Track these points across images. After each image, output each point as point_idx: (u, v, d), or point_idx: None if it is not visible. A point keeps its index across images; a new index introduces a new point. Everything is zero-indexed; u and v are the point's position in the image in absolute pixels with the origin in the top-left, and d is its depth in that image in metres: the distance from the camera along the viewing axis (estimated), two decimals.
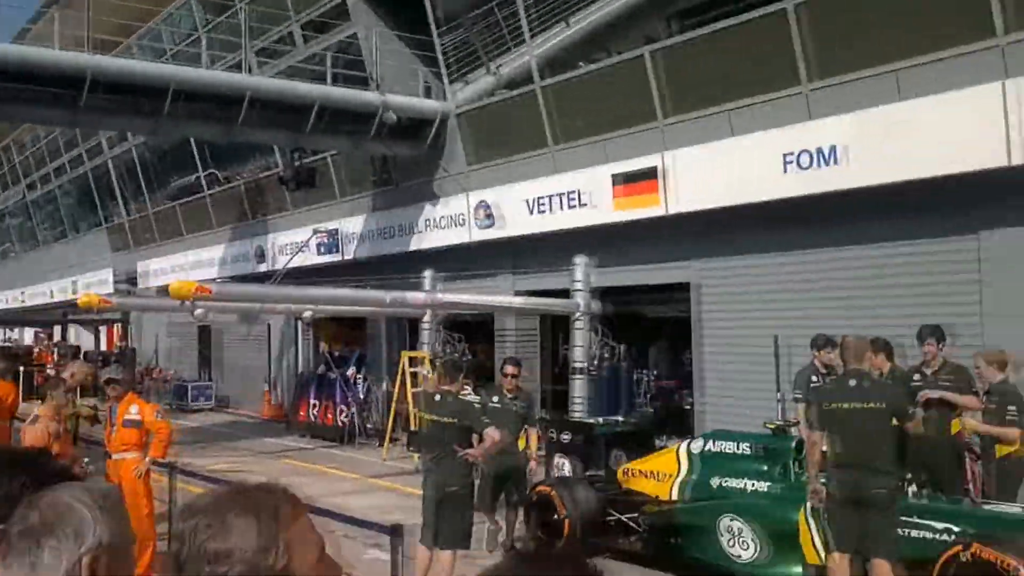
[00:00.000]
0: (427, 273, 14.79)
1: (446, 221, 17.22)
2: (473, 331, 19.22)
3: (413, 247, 18.01)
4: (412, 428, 13.71)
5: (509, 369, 8.61)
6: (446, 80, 16.93)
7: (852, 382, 6.58)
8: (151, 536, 8.05)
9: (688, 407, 14.52)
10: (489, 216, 16.15)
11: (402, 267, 17.44)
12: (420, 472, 8.97)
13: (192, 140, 23.73)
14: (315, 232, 20.12)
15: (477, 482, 7.87)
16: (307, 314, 16.77)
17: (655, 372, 16.75)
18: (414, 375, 15.17)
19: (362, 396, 18.36)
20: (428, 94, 17.52)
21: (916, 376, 8.27)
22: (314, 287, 14.66)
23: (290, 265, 20.23)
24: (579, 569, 1.27)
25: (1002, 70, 9.73)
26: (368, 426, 17.79)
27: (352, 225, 19.86)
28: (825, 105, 11.30)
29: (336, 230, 20.12)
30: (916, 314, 9.92)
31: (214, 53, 20.33)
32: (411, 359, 15.45)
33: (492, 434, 6.86)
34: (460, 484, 7.08)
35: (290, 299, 14.45)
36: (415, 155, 17.52)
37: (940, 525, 6.66)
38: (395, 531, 5.39)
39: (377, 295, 13.08)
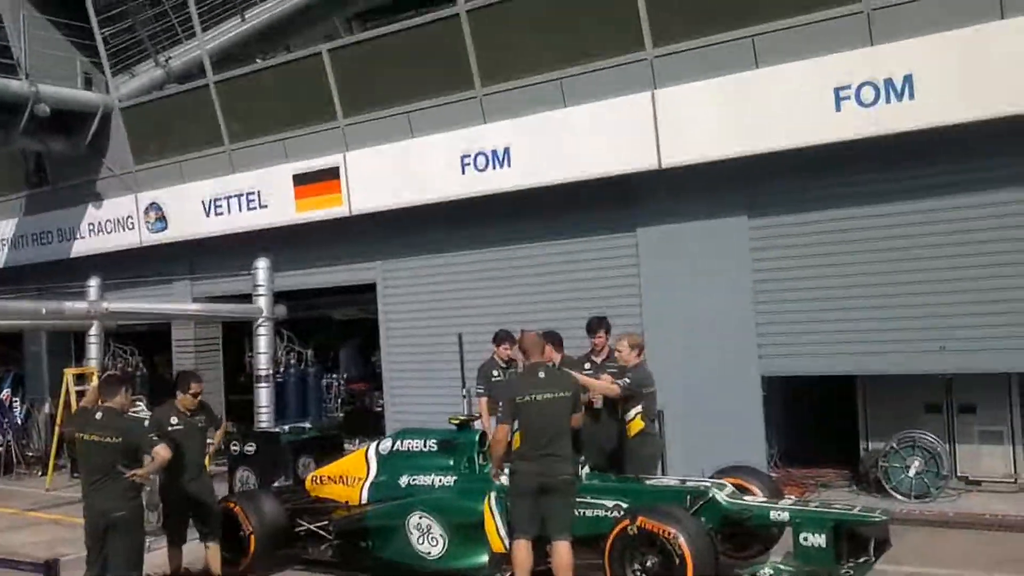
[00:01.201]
0: (93, 281, 13.56)
1: (112, 224, 15.96)
2: (149, 342, 18.02)
3: (76, 253, 16.52)
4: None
5: (194, 387, 7.94)
6: (108, 72, 15.63)
7: (541, 374, 6.86)
8: None
9: (380, 409, 14.52)
10: (161, 218, 15.16)
11: (65, 275, 15.87)
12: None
13: None
14: None
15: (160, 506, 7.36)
16: None
17: (345, 375, 16.60)
18: (80, 394, 13.82)
19: (20, 421, 16.51)
20: (88, 86, 16.06)
21: (587, 365, 8.77)
22: None
23: None
24: None
25: (651, 81, 10.64)
26: (28, 454, 16.02)
27: (2, 230, 17.79)
28: (498, 108, 11.76)
29: None
30: (585, 306, 10.62)
31: None
32: (77, 376, 14.08)
33: (161, 452, 6.39)
34: (127, 508, 6.50)
35: None
36: (74, 152, 16.00)
37: (611, 502, 7.12)
38: (49, 567, 4.81)
39: (30, 307, 11.75)
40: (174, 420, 7.63)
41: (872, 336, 9.76)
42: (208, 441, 8.06)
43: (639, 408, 7.89)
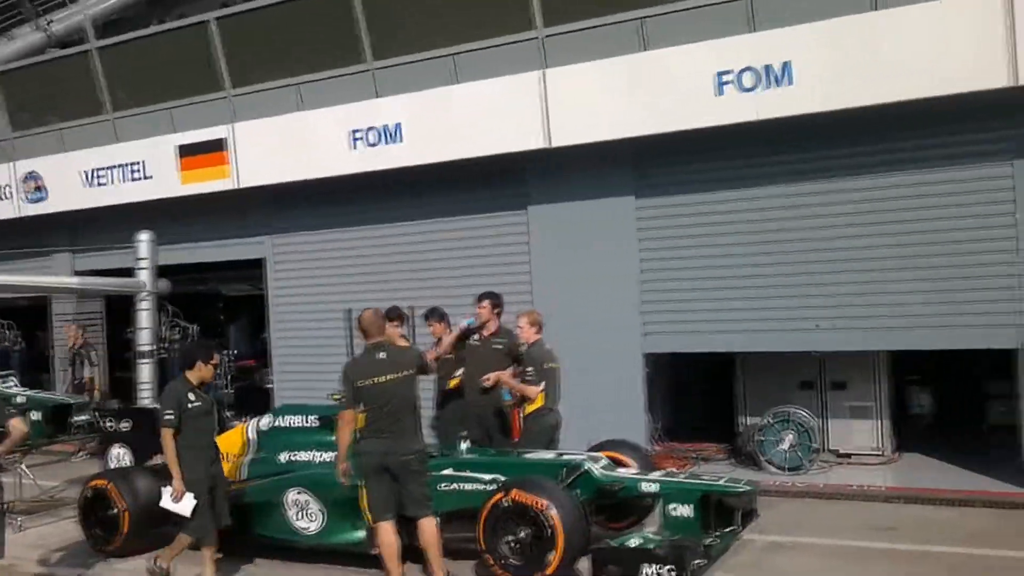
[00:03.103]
0: None
1: None
2: (29, 317, 17.35)
3: None
4: None
5: (215, 358, 7.40)
6: None
7: (381, 355, 6.78)
8: None
9: (269, 386, 14.29)
10: (40, 188, 14.56)
11: None
12: None
13: None
14: None
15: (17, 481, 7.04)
16: None
17: (234, 352, 16.27)
18: None
19: None
20: None
21: (475, 338, 8.81)
22: None
23: None
24: None
25: (541, 60, 10.69)
26: None
27: None
28: (390, 84, 11.64)
29: None
30: (478, 283, 10.64)
31: None
32: None
33: (17, 425, 6.15)
34: None
35: None
36: None
37: (487, 476, 7.19)
38: None
39: None
40: (191, 397, 6.99)
41: (749, 315, 10.07)
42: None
43: (540, 387, 8.00)
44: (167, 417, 6.86)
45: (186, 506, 6.89)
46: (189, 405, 6.94)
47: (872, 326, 9.56)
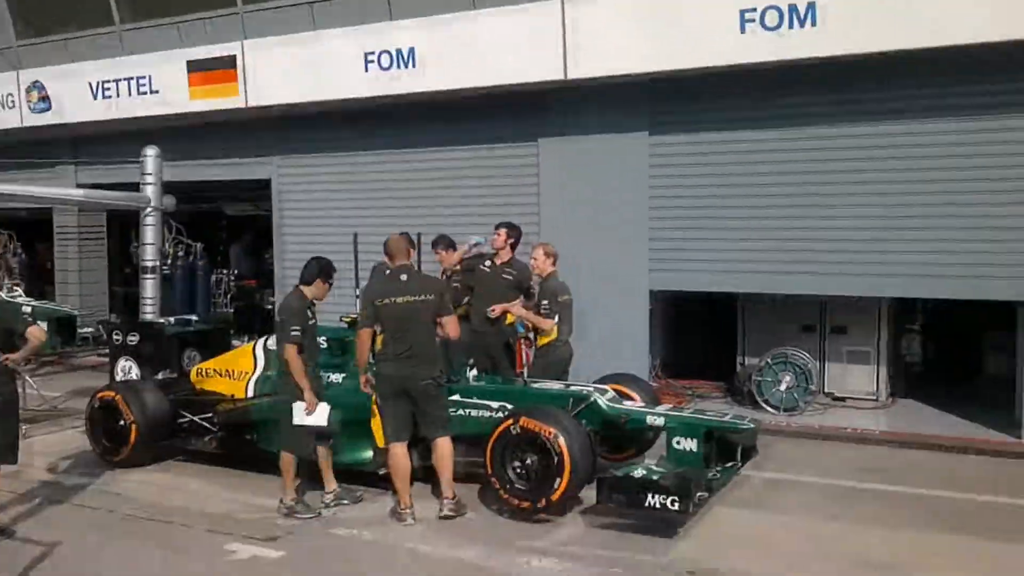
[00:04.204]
0: None
1: None
2: (30, 229, 17.33)
3: None
4: None
5: (334, 277, 7.32)
6: None
7: (403, 276, 6.84)
8: None
9: (269, 307, 14.36)
10: (45, 99, 14.38)
11: None
12: None
13: None
14: None
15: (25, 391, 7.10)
16: None
17: (236, 272, 16.31)
18: None
19: None
20: None
21: (487, 263, 8.85)
22: None
23: None
24: None
25: None
26: None
27: None
28: (406, 7, 11.44)
29: None
30: (482, 212, 10.70)
31: None
32: None
33: (36, 333, 6.19)
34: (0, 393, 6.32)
35: None
36: None
37: (495, 404, 7.31)
38: None
39: None
40: (309, 314, 6.91)
41: (756, 256, 10.09)
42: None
43: (555, 320, 8.06)
44: (294, 333, 6.75)
45: (321, 417, 6.86)
46: (309, 321, 6.91)
47: (876, 272, 9.58)
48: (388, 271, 7.18)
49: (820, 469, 8.27)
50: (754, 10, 9.26)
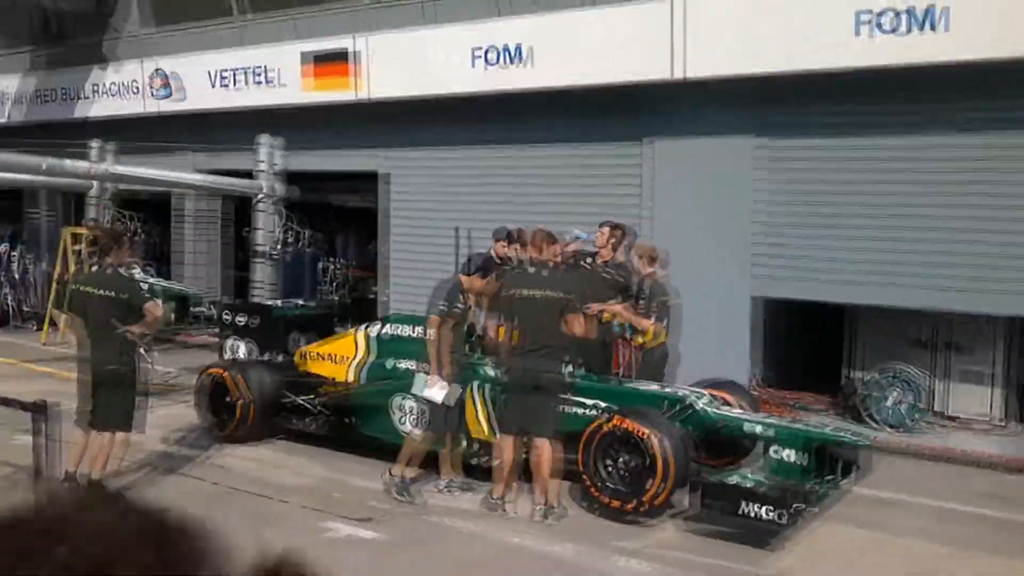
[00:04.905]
0: (94, 143, 13.50)
1: (117, 88, 15.74)
2: (150, 210, 18.02)
3: (79, 114, 16.33)
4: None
5: None
6: None
7: (533, 270, 6.88)
8: None
9: (373, 296, 14.64)
10: (167, 86, 14.98)
11: (70, 135, 15.76)
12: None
13: None
14: None
15: (142, 364, 7.40)
16: None
17: (343, 260, 16.70)
18: (78, 254, 13.90)
19: (17, 276, 16.64)
20: None
21: (588, 260, 8.82)
22: None
23: None
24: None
25: None
26: (25, 309, 16.21)
27: (5, 84, 17.58)
28: (516, 4, 11.51)
29: None
30: (586, 211, 10.61)
31: None
32: (75, 236, 14.14)
33: (153, 309, 6.47)
34: (120, 363, 6.63)
35: None
36: (82, 10, 15.70)
37: (590, 402, 7.29)
38: (37, 409, 4.92)
39: (31, 161, 11.65)
40: (461, 299, 7.17)
41: (866, 267, 9.79)
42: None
43: (652, 320, 8.00)
44: (441, 307, 6.98)
45: (441, 395, 7.03)
46: (459, 305, 7.09)
47: (1000, 289, 9.15)
48: (524, 263, 7.22)
49: (928, 490, 7.96)
50: (870, 12, 9.00)
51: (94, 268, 6.75)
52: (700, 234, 10.63)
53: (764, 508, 6.05)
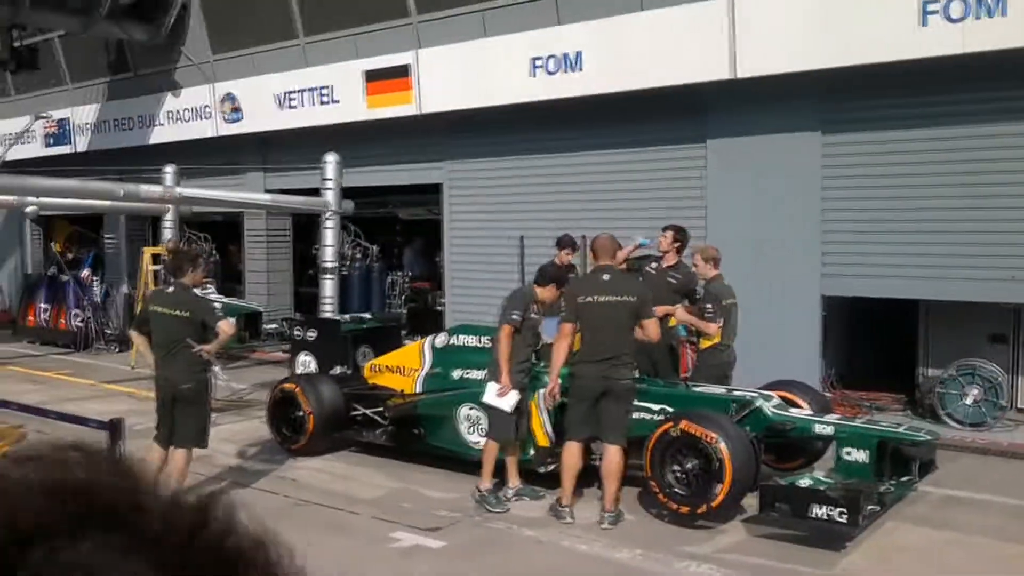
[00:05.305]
0: (168, 167, 13.93)
1: (189, 113, 16.24)
2: (223, 231, 18.50)
3: (154, 140, 16.88)
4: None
5: None
6: None
7: (606, 277, 6.88)
8: None
9: (440, 308, 14.78)
10: (236, 109, 15.38)
11: (142, 161, 16.30)
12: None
13: None
14: (36, 117, 18.26)
15: (214, 381, 7.62)
16: (30, 208, 15.35)
17: (409, 273, 16.89)
18: (157, 274, 14.35)
19: (99, 299, 17.25)
20: None
21: (652, 265, 8.80)
22: (34, 177, 13.34)
23: (12, 156, 18.33)
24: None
25: None
26: (106, 331, 16.78)
27: (85, 114, 18.27)
28: (572, 11, 11.53)
29: (67, 119, 18.44)
30: (648, 216, 10.62)
31: None
32: (154, 257, 14.59)
33: (226, 328, 6.65)
34: (193, 381, 6.83)
35: (3, 189, 13.00)
36: (154, 41, 16.25)
37: (656, 406, 7.24)
38: (113, 426, 5.10)
39: (108, 187, 12.11)
40: (534, 308, 7.19)
41: (939, 262, 9.54)
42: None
43: (719, 323, 7.94)
44: (513, 316, 7.04)
45: (508, 402, 7.11)
46: (532, 315, 7.17)
47: None
48: (591, 269, 7.23)
49: (1007, 489, 7.70)
50: (938, 1, 8.78)
51: (169, 289, 6.97)
52: (767, 233, 10.50)
53: (836, 511, 5.93)
